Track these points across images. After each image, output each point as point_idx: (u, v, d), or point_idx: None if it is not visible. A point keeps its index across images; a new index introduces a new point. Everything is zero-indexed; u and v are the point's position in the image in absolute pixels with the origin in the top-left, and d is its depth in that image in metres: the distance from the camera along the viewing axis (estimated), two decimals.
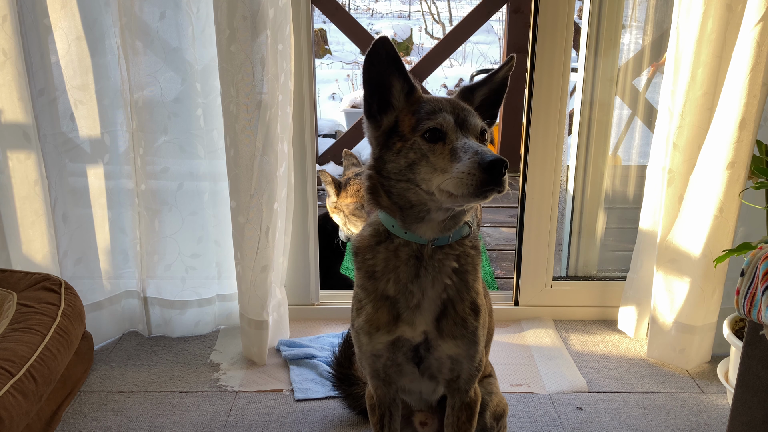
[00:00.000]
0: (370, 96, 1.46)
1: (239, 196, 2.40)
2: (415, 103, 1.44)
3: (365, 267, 1.54)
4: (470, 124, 1.40)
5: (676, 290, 2.50)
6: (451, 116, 1.39)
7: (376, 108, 1.47)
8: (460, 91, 1.52)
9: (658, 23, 2.98)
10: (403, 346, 1.55)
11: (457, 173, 1.32)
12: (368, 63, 1.43)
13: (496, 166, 1.28)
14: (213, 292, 2.77)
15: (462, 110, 1.42)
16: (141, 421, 2.27)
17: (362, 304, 1.57)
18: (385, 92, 1.46)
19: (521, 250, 2.87)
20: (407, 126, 1.41)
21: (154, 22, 2.41)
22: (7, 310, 2.18)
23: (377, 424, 1.72)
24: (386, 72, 1.44)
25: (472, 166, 1.30)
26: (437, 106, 1.41)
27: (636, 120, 3.14)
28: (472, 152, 1.32)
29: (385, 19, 13.50)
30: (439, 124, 1.38)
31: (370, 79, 1.45)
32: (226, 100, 2.32)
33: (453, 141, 1.37)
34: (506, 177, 1.31)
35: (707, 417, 2.31)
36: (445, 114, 1.39)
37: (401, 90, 1.46)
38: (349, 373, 2.25)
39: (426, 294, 1.50)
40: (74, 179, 2.55)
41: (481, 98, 1.53)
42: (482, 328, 1.57)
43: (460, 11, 11.77)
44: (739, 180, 2.28)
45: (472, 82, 1.52)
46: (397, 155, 1.41)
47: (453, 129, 1.38)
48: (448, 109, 1.41)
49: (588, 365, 2.61)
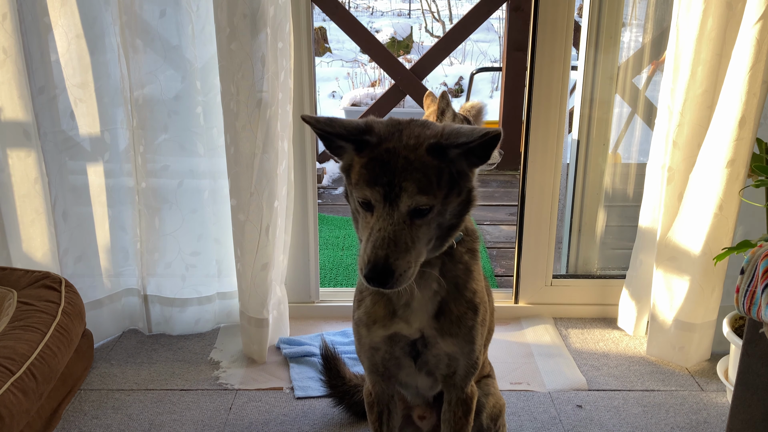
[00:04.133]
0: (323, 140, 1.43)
1: (239, 194, 2.40)
2: (367, 155, 1.35)
3: None
4: (399, 204, 1.31)
5: (675, 288, 2.50)
6: (382, 190, 1.31)
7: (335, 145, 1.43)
8: (429, 146, 1.34)
9: (658, 21, 2.98)
10: (400, 341, 1.56)
11: (359, 257, 1.35)
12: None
13: (371, 278, 1.30)
14: (213, 290, 2.77)
15: (401, 183, 1.31)
16: (141, 419, 2.28)
17: (363, 296, 1.58)
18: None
19: (521, 248, 2.87)
20: (354, 178, 1.37)
21: (154, 20, 2.41)
22: (8, 308, 2.18)
23: (375, 422, 1.73)
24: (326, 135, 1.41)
25: (362, 264, 1.32)
26: (377, 173, 1.32)
27: (636, 118, 3.14)
28: (370, 247, 1.31)
29: (385, 17, 13.50)
30: (367, 198, 1.34)
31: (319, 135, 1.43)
32: (226, 98, 2.32)
33: (377, 217, 1.33)
34: (395, 279, 1.31)
35: (707, 415, 2.31)
36: (378, 188, 1.31)
37: (351, 148, 1.39)
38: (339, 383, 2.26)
39: (414, 295, 1.51)
40: (74, 177, 2.55)
41: (458, 154, 1.36)
42: (480, 327, 1.57)
43: (460, 9, 11.77)
44: (739, 178, 2.28)
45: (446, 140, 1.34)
46: (350, 197, 1.43)
47: (381, 204, 1.32)
48: (386, 179, 1.31)
49: (588, 363, 2.61)
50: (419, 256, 1.36)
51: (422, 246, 1.37)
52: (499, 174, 5.36)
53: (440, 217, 1.38)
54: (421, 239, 1.36)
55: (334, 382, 2.25)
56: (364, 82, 7.92)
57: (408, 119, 1.43)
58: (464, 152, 1.36)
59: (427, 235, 1.37)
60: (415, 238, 1.34)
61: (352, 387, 2.23)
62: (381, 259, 1.30)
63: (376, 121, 1.42)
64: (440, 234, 1.41)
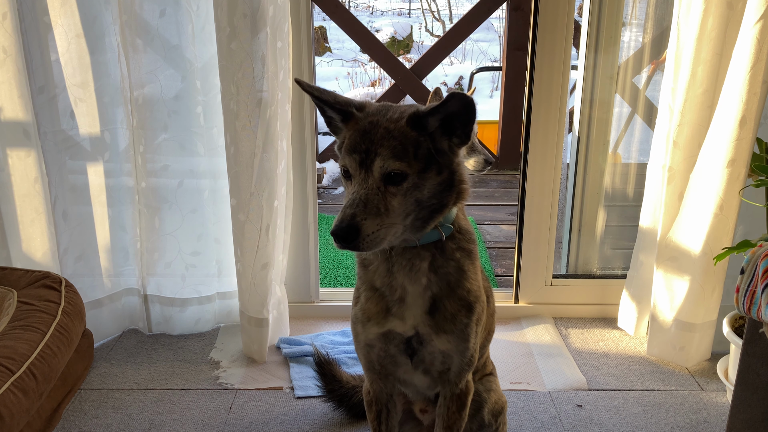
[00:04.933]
0: (322, 113, 1.52)
1: (239, 194, 2.40)
2: (352, 128, 1.44)
3: (360, 255, 1.59)
4: (373, 168, 1.37)
5: (676, 288, 2.50)
6: (358, 156, 1.38)
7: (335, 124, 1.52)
8: (409, 117, 1.40)
9: (659, 21, 2.98)
10: (395, 338, 1.57)
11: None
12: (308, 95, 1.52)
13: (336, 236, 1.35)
14: (213, 290, 2.78)
15: (376, 150, 1.37)
16: (141, 418, 2.28)
17: (359, 293, 1.60)
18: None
19: (521, 248, 2.87)
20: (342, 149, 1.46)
21: (154, 19, 2.41)
22: (8, 308, 2.18)
23: (374, 420, 1.73)
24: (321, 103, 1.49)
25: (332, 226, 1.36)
26: (357, 140, 1.40)
27: (636, 118, 3.14)
28: (341, 210, 1.36)
29: (385, 17, 13.49)
30: (346, 165, 1.41)
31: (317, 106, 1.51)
32: (226, 97, 2.32)
33: (354, 183, 1.39)
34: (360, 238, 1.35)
35: (707, 414, 2.31)
36: (355, 155, 1.39)
37: (338, 119, 1.48)
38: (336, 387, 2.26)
39: (407, 290, 1.52)
40: (74, 177, 2.55)
41: (438, 124, 1.41)
42: (474, 325, 1.58)
43: (460, 9, 11.76)
44: (739, 178, 2.28)
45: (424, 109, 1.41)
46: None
47: (357, 170, 1.39)
48: (364, 147, 1.38)
49: (588, 363, 2.61)
50: (392, 225, 1.38)
51: (396, 216, 1.39)
52: (499, 174, 5.36)
53: (417, 191, 1.40)
54: (395, 208, 1.38)
55: (331, 386, 2.26)
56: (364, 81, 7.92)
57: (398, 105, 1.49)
58: (444, 128, 1.41)
59: (403, 207, 1.39)
60: (389, 205, 1.37)
61: (351, 389, 2.24)
62: (348, 217, 1.34)
63: (373, 103, 1.49)
64: (420, 212, 1.42)
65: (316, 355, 2.30)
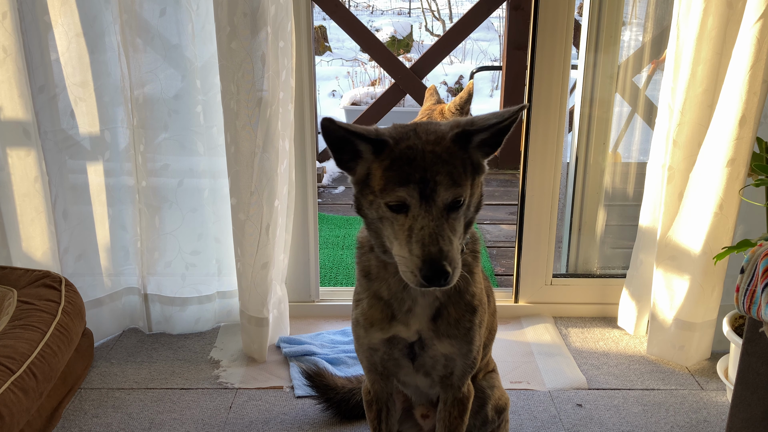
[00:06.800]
0: (336, 152, 1.39)
1: (239, 193, 2.40)
2: (389, 158, 1.33)
3: (362, 264, 1.57)
4: (437, 198, 1.30)
5: (676, 287, 2.50)
6: (417, 188, 1.29)
7: (348, 157, 1.39)
8: (455, 135, 1.34)
9: (659, 20, 2.98)
10: (398, 343, 1.56)
11: (403, 262, 1.31)
12: (325, 135, 1.36)
13: (433, 277, 1.27)
14: (213, 289, 2.78)
15: (434, 177, 1.30)
16: (141, 417, 2.28)
17: (360, 297, 1.59)
18: (352, 146, 1.37)
19: (521, 248, 2.87)
20: (377, 185, 1.34)
21: (154, 19, 2.41)
22: (8, 308, 2.18)
23: (374, 420, 1.73)
24: (345, 139, 1.36)
25: (416, 268, 1.28)
26: (407, 171, 1.30)
27: (636, 117, 3.14)
28: (420, 247, 1.28)
29: (384, 16, 13.49)
30: (402, 199, 1.31)
31: (332, 144, 1.37)
32: (226, 97, 2.32)
33: (414, 217, 1.30)
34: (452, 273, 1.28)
35: (707, 414, 2.31)
36: (412, 186, 1.29)
37: (368, 149, 1.36)
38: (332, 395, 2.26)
39: (417, 302, 1.51)
40: (74, 176, 2.55)
41: (481, 140, 1.38)
42: (478, 327, 1.58)
43: (460, 8, 11.75)
44: (739, 177, 2.28)
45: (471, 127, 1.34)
46: (370, 207, 1.38)
47: (417, 204, 1.30)
48: (418, 176, 1.30)
49: (588, 362, 2.61)
50: (457, 250, 1.33)
51: (458, 242, 1.35)
52: (499, 173, 5.36)
53: (467, 211, 1.38)
54: (457, 234, 1.34)
55: (326, 395, 2.25)
56: (364, 81, 7.91)
57: (412, 123, 1.42)
58: (481, 141, 1.37)
59: (459, 230, 1.36)
60: (453, 232, 1.32)
61: (347, 392, 2.23)
62: (436, 255, 1.27)
63: (381, 128, 1.41)
64: (465, 230, 1.40)
65: (304, 371, 2.29)
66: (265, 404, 2.36)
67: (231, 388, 2.44)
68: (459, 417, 1.66)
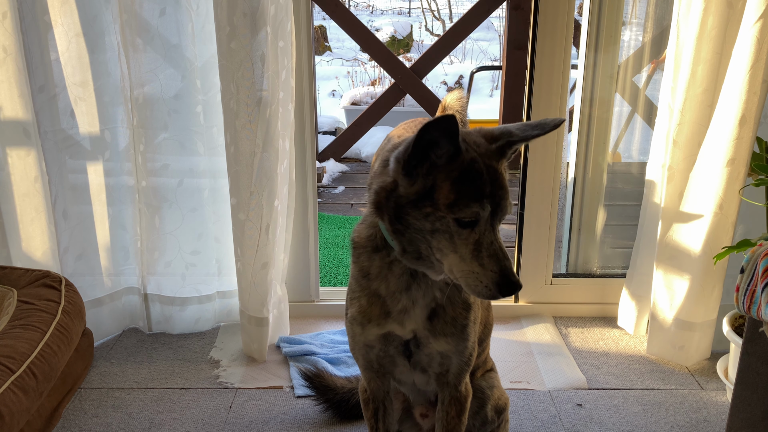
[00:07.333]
0: (414, 157, 1.32)
1: (239, 193, 2.40)
2: (457, 169, 1.31)
3: (360, 265, 1.57)
4: (503, 213, 1.34)
5: (675, 287, 2.50)
6: (489, 205, 1.31)
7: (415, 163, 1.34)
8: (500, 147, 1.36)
9: (659, 20, 2.98)
10: (394, 340, 1.57)
11: (473, 276, 1.33)
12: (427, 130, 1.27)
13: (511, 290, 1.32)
14: (213, 289, 2.78)
15: (502, 195, 1.34)
16: (141, 417, 2.28)
17: (356, 296, 1.59)
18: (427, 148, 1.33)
19: (521, 247, 2.87)
20: (444, 199, 1.30)
21: (154, 18, 2.41)
22: (8, 307, 2.18)
23: (371, 419, 1.74)
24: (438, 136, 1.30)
25: (491, 282, 1.32)
26: (479, 186, 1.30)
27: (636, 117, 3.14)
28: (495, 262, 1.32)
29: (385, 16, 13.49)
30: (476, 215, 1.31)
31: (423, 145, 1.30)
32: (226, 97, 2.32)
33: (482, 232, 1.32)
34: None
35: (707, 414, 2.31)
36: (485, 201, 1.31)
37: (446, 152, 1.31)
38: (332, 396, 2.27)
39: (416, 302, 1.52)
40: (74, 176, 2.55)
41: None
42: (473, 324, 1.58)
43: (460, 8, 11.75)
44: (739, 177, 2.28)
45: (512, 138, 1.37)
46: (424, 219, 1.33)
47: (486, 220, 1.32)
48: (489, 191, 1.31)
49: (588, 362, 2.61)
50: None
51: None
52: None
53: None
54: None
55: (327, 396, 2.25)
56: (364, 80, 7.91)
57: None
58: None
59: None
60: None
61: (347, 392, 2.24)
62: (511, 269, 1.32)
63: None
64: None
65: (303, 373, 2.29)
66: (264, 404, 2.36)
67: (231, 388, 2.45)
68: (457, 416, 1.66)
